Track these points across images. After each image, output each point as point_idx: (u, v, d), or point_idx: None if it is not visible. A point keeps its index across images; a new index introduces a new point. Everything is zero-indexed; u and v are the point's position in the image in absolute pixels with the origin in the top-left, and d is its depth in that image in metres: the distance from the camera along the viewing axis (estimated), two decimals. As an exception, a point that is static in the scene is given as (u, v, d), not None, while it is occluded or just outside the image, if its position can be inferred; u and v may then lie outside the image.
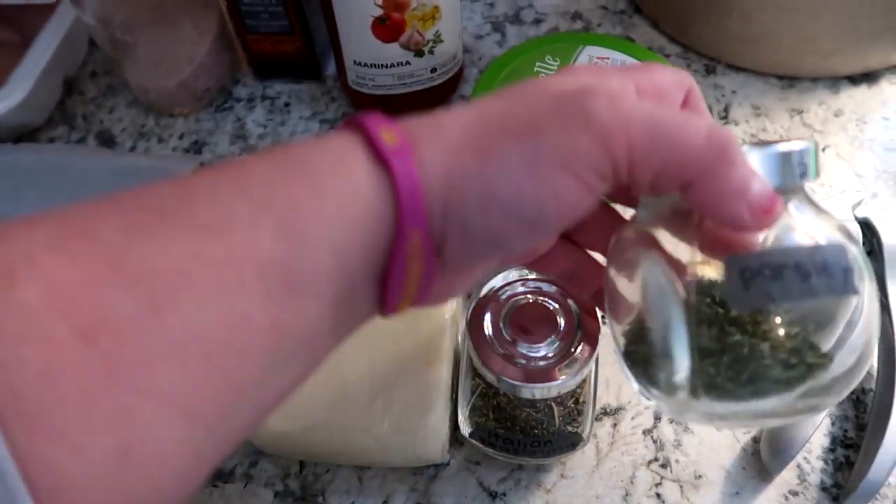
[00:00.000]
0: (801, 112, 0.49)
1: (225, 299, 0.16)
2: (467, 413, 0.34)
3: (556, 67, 0.44)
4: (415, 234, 0.19)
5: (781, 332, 0.20)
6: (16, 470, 0.13)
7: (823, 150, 0.47)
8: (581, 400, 0.32)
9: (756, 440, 0.36)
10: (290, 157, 0.19)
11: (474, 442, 0.34)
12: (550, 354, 0.31)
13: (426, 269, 0.20)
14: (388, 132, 0.19)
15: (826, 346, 0.20)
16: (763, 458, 0.35)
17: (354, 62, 0.46)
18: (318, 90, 0.53)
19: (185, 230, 0.16)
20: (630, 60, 0.44)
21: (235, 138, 0.51)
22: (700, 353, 0.20)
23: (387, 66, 0.46)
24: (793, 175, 0.21)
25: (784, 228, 0.21)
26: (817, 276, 0.20)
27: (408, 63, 0.46)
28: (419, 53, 0.46)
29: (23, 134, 0.52)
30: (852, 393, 0.38)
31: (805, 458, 0.36)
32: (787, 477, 0.35)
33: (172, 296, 0.16)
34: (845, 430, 0.37)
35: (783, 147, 0.21)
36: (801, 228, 0.21)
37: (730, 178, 0.19)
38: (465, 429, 0.34)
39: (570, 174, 0.19)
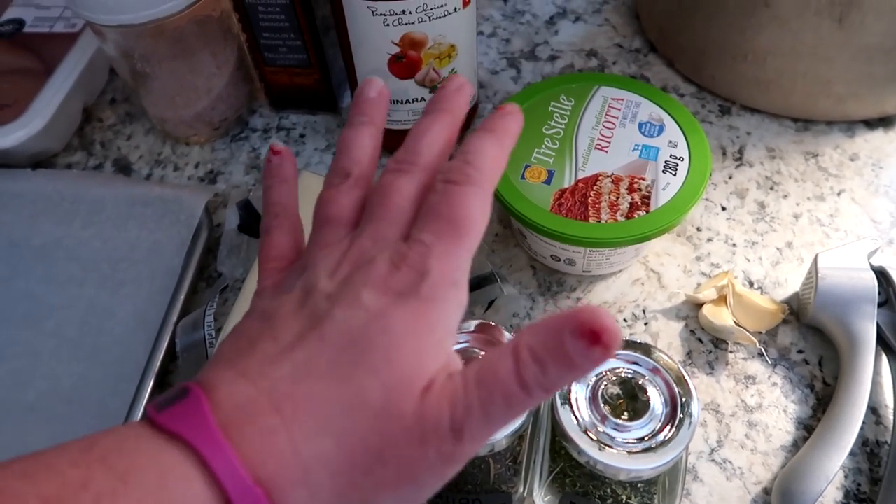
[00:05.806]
0: (816, 155, 0.49)
1: None
2: None
3: (570, 108, 0.44)
4: None
5: None
6: None
7: (839, 194, 0.47)
8: (519, 459, 0.32)
9: (767, 492, 0.36)
10: None
11: None
12: None
13: None
14: None
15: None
16: (774, 511, 0.35)
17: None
18: (333, 122, 0.54)
19: None
20: (645, 102, 0.44)
21: (250, 168, 0.52)
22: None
23: (403, 102, 0.46)
24: None
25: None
26: None
27: (423, 99, 0.46)
28: (435, 90, 0.46)
29: (42, 160, 0.52)
30: (866, 445, 0.37)
31: (817, 511, 0.35)
32: (798, 531, 0.35)
33: None
34: (858, 484, 0.36)
35: None
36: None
37: None
38: None
39: None
